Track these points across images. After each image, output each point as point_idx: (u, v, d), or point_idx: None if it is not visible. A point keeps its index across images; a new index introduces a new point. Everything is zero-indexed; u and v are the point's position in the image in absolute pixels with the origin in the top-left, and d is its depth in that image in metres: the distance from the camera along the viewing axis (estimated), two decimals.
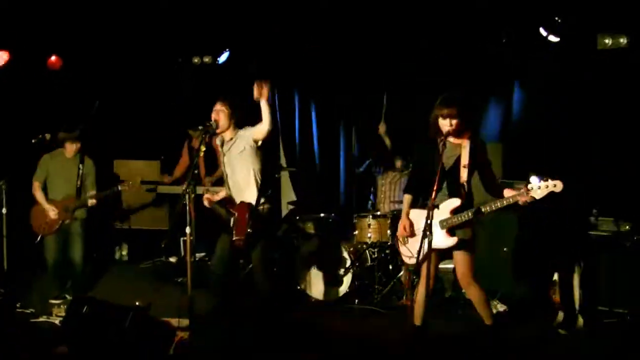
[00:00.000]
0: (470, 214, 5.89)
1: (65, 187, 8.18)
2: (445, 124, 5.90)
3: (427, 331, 6.23)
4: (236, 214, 6.70)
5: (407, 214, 6.28)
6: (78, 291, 8.15)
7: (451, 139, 5.97)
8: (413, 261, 6.19)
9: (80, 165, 8.15)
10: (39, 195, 8.17)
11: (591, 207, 7.81)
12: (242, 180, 6.74)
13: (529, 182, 5.66)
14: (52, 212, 8.09)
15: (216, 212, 6.93)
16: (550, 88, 8.72)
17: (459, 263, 6.14)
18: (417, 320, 6.26)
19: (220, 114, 6.64)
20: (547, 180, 5.61)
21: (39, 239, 8.20)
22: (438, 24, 8.79)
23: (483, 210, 5.87)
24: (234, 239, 6.68)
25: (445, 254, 6.36)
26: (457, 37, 8.84)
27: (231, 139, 6.73)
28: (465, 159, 5.97)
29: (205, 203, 6.85)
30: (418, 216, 6.18)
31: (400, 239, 6.34)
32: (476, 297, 6.17)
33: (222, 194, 6.91)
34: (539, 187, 5.61)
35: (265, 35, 9.66)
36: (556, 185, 5.57)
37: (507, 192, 5.84)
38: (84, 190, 8.19)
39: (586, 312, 7.16)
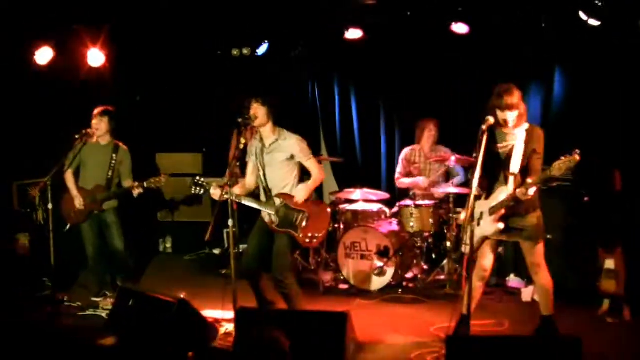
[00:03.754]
0: (512, 198, 5.92)
1: (97, 176, 8.04)
2: (503, 116, 5.98)
3: (470, 320, 6.22)
4: (307, 212, 6.75)
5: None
6: (125, 280, 8.19)
7: (507, 129, 6.06)
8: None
9: (114, 155, 8.03)
10: (69, 182, 8.03)
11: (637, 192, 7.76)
12: (281, 178, 6.81)
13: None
14: (78, 202, 7.96)
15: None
16: (592, 73, 8.61)
17: (526, 252, 6.24)
18: (464, 309, 6.27)
19: (258, 111, 6.66)
20: (565, 156, 5.57)
21: (67, 227, 8.09)
22: (478, 9, 8.72)
23: (518, 195, 5.87)
24: (309, 236, 6.73)
25: (501, 242, 6.41)
26: (497, 22, 8.76)
27: (276, 140, 6.78)
28: (519, 148, 6.02)
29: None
30: (481, 206, 6.21)
31: (463, 228, 6.43)
32: (541, 286, 6.30)
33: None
34: (559, 165, 5.56)
35: (304, 24, 9.66)
36: (571, 160, 5.51)
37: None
38: (119, 179, 8.08)
39: (632, 300, 7.09)
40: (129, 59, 10.11)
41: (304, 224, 6.75)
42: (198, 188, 6.79)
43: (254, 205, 6.83)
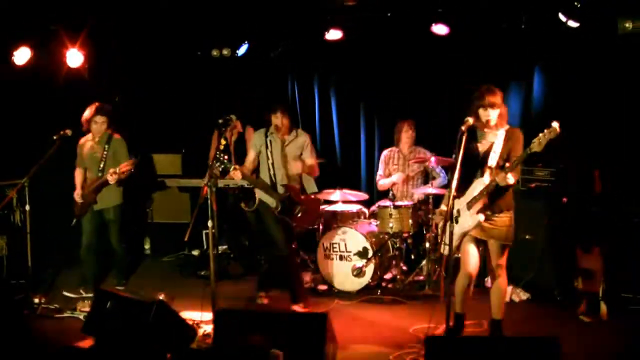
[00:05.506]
0: (490, 187, 5.90)
1: (93, 169, 8.23)
2: (486, 114, 6.00)
3: (464, 320, 6.29)
4: (305, 206, 7.65)
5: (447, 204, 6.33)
6: (118, 278, 8.44)
7: (488, 129, 6.09)
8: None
9: (106, 146, 8.16)
10: (76, 179, 8.32)
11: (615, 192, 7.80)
12: (290, 170, 7.57)
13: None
14: (77, 196, 8.21)
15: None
16: (571, 73, 8.64)
17: (493, 253, 6.21)
18: (457, 308, 6.36)
19: (283, 120, 7.50)
20: (543, 131, 5.59)
21: (74, 221, 8.32)
22: (458, 10, 8.74)
23: (498, 180, 5.84)
24: (299, 225, 7.70)
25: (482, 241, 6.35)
26: (477, 22, 8.78)
27: (295, 137, 7.67)
28: (497, 146, 6.03)
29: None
30: (457, 204, 6.19)
31: (440, 228, 6.44)
32: (499, 288, 6.26)
33: None
34: (538, 140, 5.59)
35: (284, 24, 9.65)
36: (551, 132, 5.53)
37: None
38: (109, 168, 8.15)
39: (610, 299, 7.12)
40: (108, 60, 10.05)
41: (299, 215, 7.58)
42: (218, 164, 7.12)
43: (262, 192, 7.55)
